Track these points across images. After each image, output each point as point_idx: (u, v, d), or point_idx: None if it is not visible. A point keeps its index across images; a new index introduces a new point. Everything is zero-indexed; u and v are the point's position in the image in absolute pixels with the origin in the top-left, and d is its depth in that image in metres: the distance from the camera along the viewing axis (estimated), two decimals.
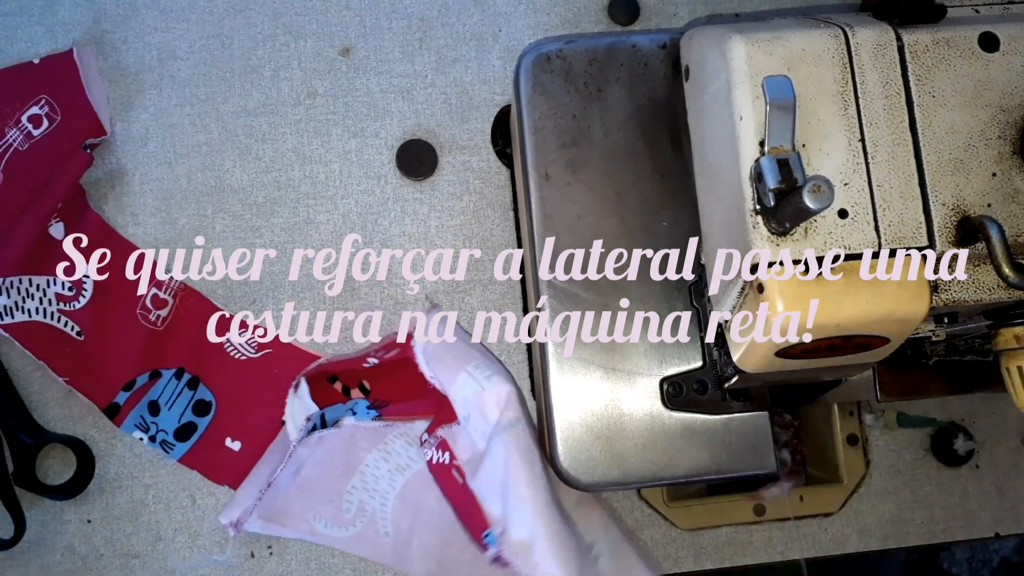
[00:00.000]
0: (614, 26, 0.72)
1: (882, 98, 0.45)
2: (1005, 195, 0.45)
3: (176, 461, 0.66)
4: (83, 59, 0.68)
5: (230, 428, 0.67)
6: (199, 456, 0.67)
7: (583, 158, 0.58)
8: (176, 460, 0.66)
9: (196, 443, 0.67)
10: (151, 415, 0.66)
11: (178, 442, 0.66)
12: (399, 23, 0.72)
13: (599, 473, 0.55)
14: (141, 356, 0.66)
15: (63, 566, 0.65)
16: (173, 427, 0.66)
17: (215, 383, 0.67)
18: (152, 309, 0.67)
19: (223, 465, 0.67)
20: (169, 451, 0.66)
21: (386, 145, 0.70)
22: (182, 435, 0.66)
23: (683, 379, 0.56)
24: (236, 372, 0.67)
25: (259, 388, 0.67)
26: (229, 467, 0.67)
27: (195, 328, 0.67)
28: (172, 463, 0.66)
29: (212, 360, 0.67)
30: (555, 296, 0.56)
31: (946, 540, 0.70)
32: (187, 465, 0.66)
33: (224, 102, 0.70)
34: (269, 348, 0.68)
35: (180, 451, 0.66)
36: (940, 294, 0.45)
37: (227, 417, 0.67)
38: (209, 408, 0.67)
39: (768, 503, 0.68)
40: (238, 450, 0.67)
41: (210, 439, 0.67)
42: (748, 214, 0.44)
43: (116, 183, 0.69)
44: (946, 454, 0.70)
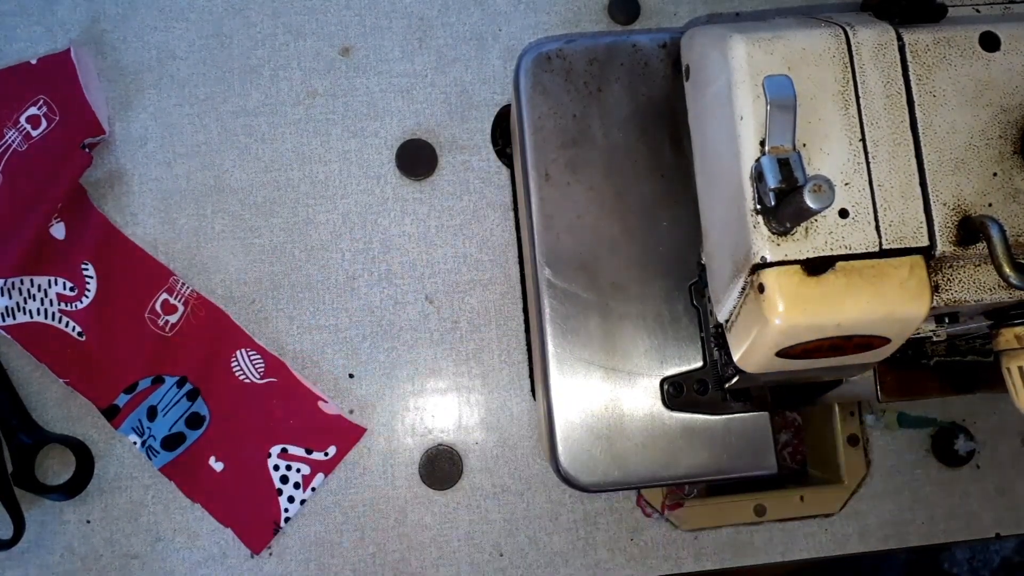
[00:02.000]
0: (614, 25, 0.72)
1: (883, 97, 0.45)
2: (1006, 195, 0.44)
3: (157, 469, 0.66)
4: (80, 59, 0.68)
5: (217, 448, 0.66)
6: (180, 469, 0.66)
7: (583, 158, 0.57)
8: (158, 468, 0.66)
9: (180, 455, 0.66)
10: (148, 420, 0.66)
11: (163, 450, 0.66)
12: (399, 23, 0.71)
13: (599, 473, 0.55)
14: (146, 360, 0.66)
15: (62, 566, 0.65)
16: (163, 434, 0.66)
17: (213, 399, 0.67)
18: (161, 314, 0.67)
19: (201, 483, 0.66)
20: (153, 457, 0.66)
21: (386, 145, 0.70)
22: (169, 444, 0.66)
23: (683, 379, 0.56)
24: (236, 393, 0.67)
25: (254, 416, 0.67)
26: (206, 487, 0.66)
27: (205, 339, 0.67)
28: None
29: (216, 376, 0.67)
30: (555, 296, 0.56)
31: (946, 540, 0.70)
32: (166, 475, 0.66)
33: (223, 102, 0.70)
34: (274, 377, 0.67)
35: (163, 460, 0.66)
36: (940, 294, 0.45)
37: (217, 436, 0.67)
38: (202, 423, 0.67)
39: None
40: (219, 471, 0.66)
41: (195, 454, 0.66)
42: (748, 214, 0.44)
43: (115, 183, 0.69)
44: (947, 454, 0.70)
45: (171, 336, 0.67)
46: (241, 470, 0.66)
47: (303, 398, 0.67)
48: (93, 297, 0.66)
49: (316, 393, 0.67)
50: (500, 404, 0.68)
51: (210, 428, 0.67)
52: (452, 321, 0.69)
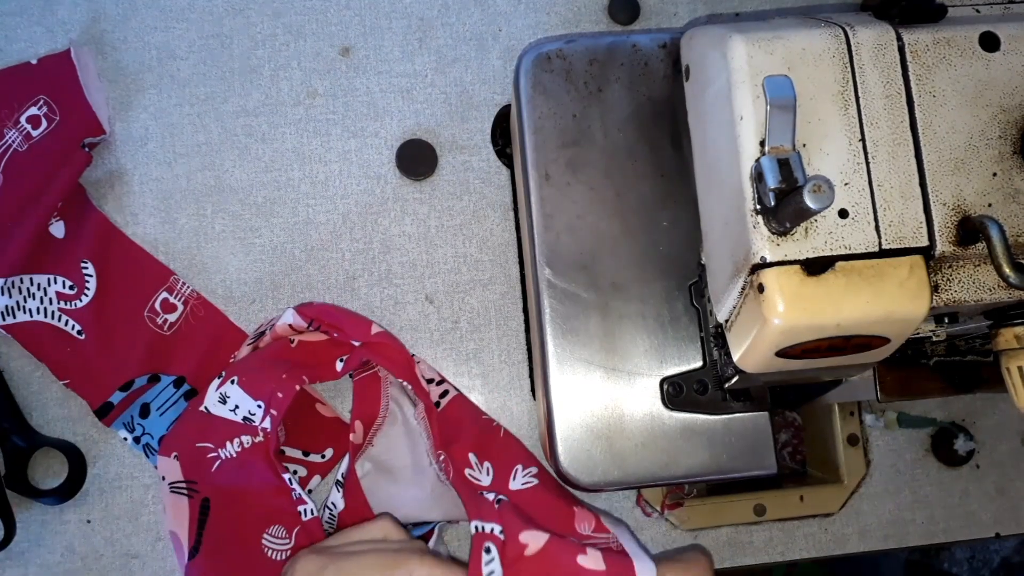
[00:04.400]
0: (614, 26, 0.72)
1: (882, 98, 0.45)
2: (1005, 195, 0.44)
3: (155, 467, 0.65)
4: (80, 59, 0.68)
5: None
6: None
7: (583, 158, 0.57)
8: (155, 466, 0.65)
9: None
10: (140, 417, 0.66)
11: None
12: (399, 23, 0.71)
13: (599, 473, 0.55)
14: (142, 358, 0.66)
15: (63, 566, 0.65)
16: (160, 434, 0.66)
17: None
18: (160, 312, 0.67)
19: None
20: (151, 455, 0.66)
21: (386, 145, 0.70)
22: None
23: (683, 379, 0.56)
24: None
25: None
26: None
27: (204, 340, 0.67)
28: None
29: (215, 376, 0.67)
30: (555, 296, 0.56)
31: (946, 540, 0.70)
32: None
33: (224, 102, 0.70)
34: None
35: None
36: (940, 294, 0.45)
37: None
38: None
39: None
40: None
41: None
42: (748, 214, 0.44)
43: (116, 183, 0.69)
44: (946, 454, 0.70)
45: (170, 335, 0.67)
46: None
47: (301, 399, 0.67)
48: (93, 296, 0.66)
49: (314, 395, 0.67)
50: (500, 404, 0.68)
51: None
52: (452, 321, 0.69)
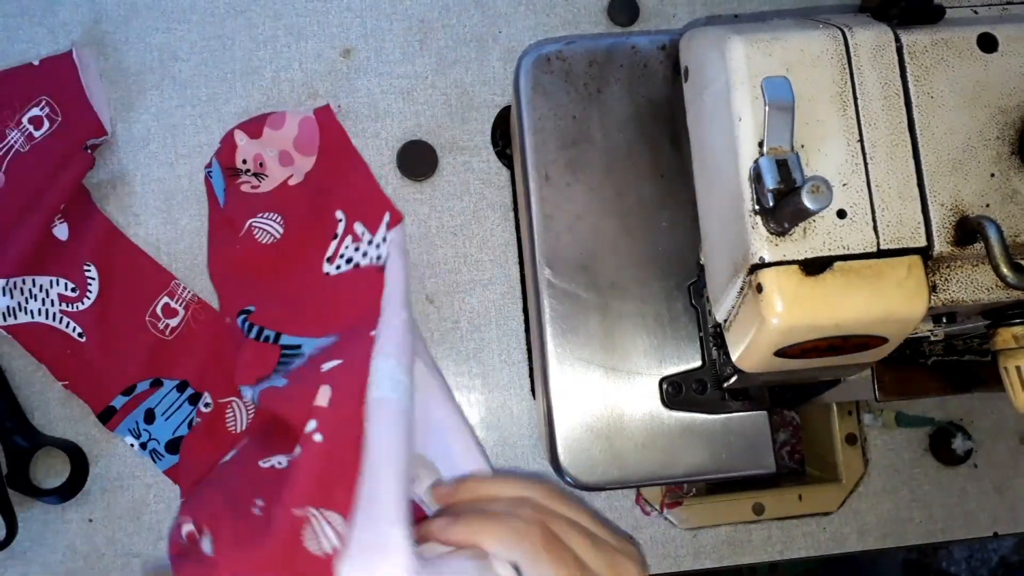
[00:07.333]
0: (614, 27, 0.72)
1: (881, 99, 0.45)
2: (1003, 195, 0.45)
3: (163, 472, 0.66)
4: (82, 60, 0.68)
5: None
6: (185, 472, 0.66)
7: (583, 158, 0.58)
8: (163, 471, 0.66)
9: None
10: (146, 423, 0.66)
11: (168, 454, 0.66)
12: (399, 24, 0.72)
13: (599, 473, 0.55)
14: (144, 362, 0.66)
15: (64, 565, 0.65)
16: (166, 438, 0.66)
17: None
18: (162, 317, 0.67)
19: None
20: (158, 460, 0.66)
21: (386, 146, 0.70)
22: (173, 448, 0.66)
23: (682, 379, 0.56)
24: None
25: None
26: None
27: (205, 343, 0.67)
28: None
29: (217, 380, 0.66)
30: (555, 296, 0.56)
31: (945, 539, 0.70)
32: (171, 478, 0.66)
33: (225, 103, 0.70)
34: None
35: (168, 463, 0.66)
36: (938, 294, 0.45)
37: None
38: None
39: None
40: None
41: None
42: (747, 214, 0.44)
43: (118, 184, 0.69)
44: (945, 453, 0.70)
45: (171, 339, 0.67)
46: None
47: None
48: (95, 299, 0.66)
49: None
50: (500, 404, 0.68)
51: None
52: (452, 321, 0.69)
